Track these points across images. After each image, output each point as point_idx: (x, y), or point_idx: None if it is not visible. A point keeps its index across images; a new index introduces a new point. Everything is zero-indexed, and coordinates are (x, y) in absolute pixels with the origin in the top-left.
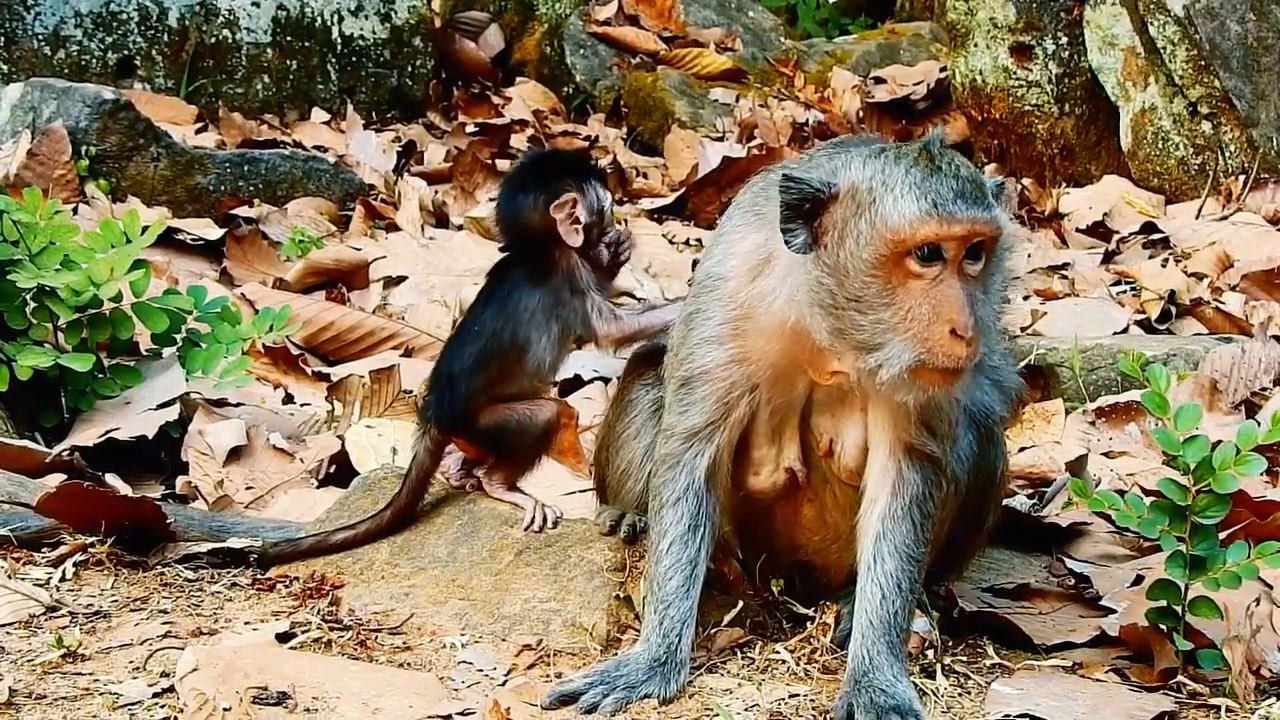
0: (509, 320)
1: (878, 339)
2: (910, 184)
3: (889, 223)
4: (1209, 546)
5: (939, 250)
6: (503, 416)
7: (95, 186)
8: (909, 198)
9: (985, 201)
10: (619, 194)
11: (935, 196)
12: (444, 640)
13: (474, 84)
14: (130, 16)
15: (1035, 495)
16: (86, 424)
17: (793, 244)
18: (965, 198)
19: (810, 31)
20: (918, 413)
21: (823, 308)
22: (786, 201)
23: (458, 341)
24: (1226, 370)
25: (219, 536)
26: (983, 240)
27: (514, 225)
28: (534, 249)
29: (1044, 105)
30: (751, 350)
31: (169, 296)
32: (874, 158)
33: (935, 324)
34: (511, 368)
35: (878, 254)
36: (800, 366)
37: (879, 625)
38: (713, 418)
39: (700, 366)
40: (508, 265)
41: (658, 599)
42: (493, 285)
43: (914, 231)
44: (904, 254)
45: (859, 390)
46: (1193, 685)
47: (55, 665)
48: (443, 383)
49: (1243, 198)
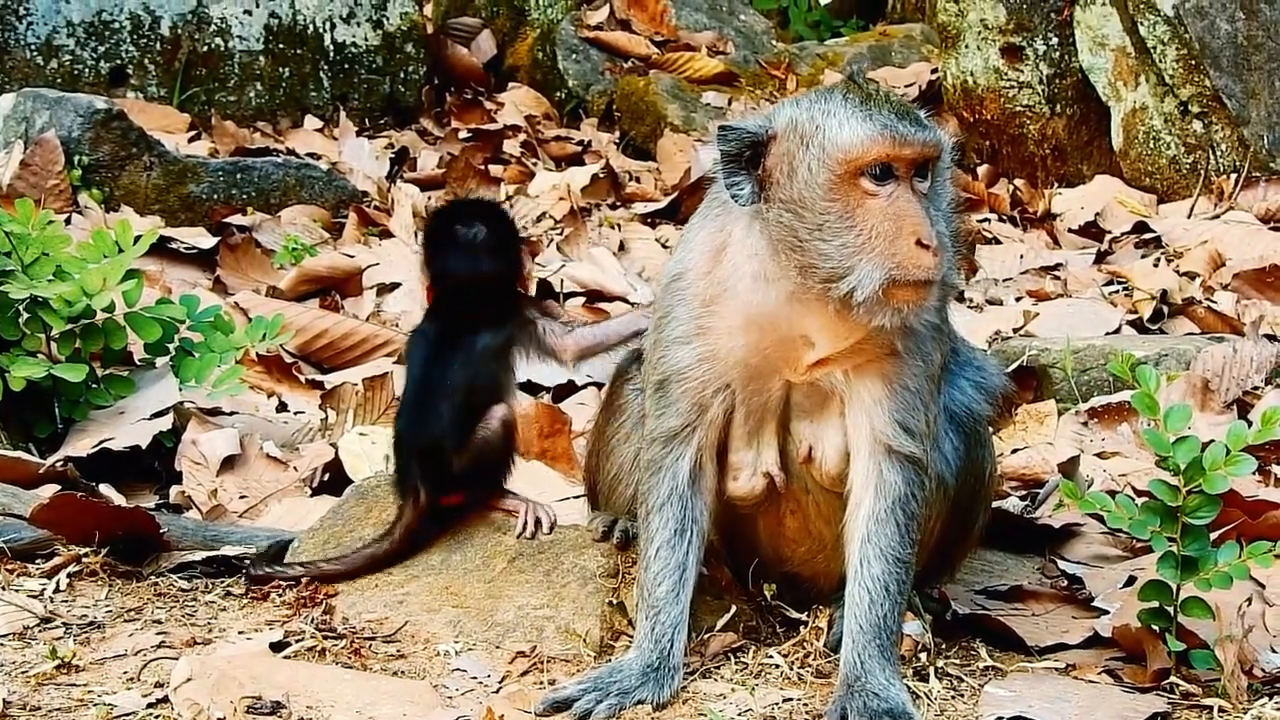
0: (477, 369)
1: (846, 263)
2: (852, 109)
3: (839, 144)
4: (1200, 547)
5: (890, 169)
6: (472, 450)
7: (88, 196)
8: (854, 120)
9: (924, 122)
10: (612, 198)
11: (881, 118)
12: (438, 648)
13: (466, 90)
14: (122, 25)
15: (1028, 497)
16: (80, 434)
17: (739, 197)
18: (906, 118)
19: (802, 34)
20: (893, 408)
21: (787, 246)
22: (725, 151)
23: (425, 402)
24: (1218, 370)
25: (213, 546)
26: (928, 159)
27: (479, 278)
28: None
29: (1035, 106)
30: (719, 347)
31: (162, 306)
32: (803, 98)
33: (899, 238)
34: (484, 413)
35: (832, 177)
36: (773, 364)
37: (869, 629)
38: (689, 419)
39: (672, 367)
40: (445, 316)
41: (649, 604)
42: (441, 337)
43: (865, 151)
44: (857, 174)
45: (836, 389)
46: (1185, 686)
47: (50, 676)
48: (426, 451)
49: (1234, 196)
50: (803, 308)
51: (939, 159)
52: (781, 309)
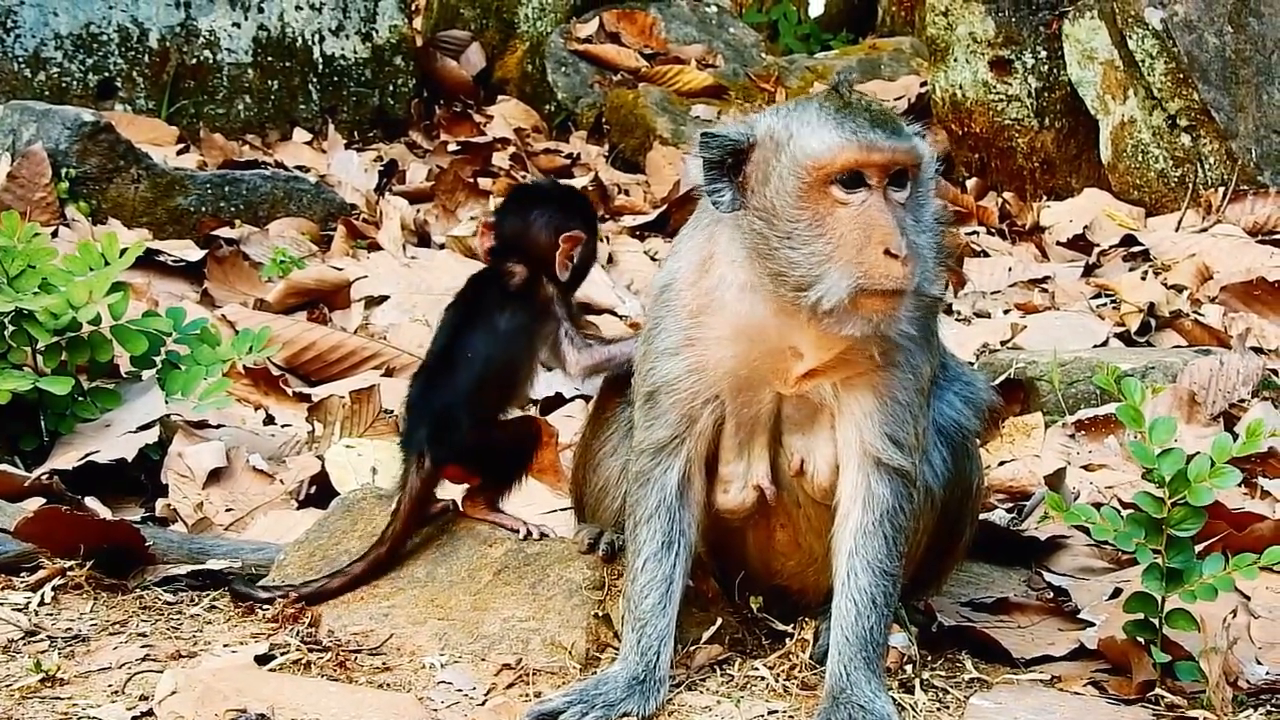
0: (499, 343)
1: (815, 272)
2: (825, 116)
3: (808, 151)
4: (1185, 559)
5: (861, 178)
6: (492, 437)
7: (76, 208)
8: (825, 128)
9: (901, 131)
10: (601, 211)
11: (852, 125)
12: (423, 660)
13: (456, 102)
14: (111, 38)
15: (1014, 509)
16: (66, 447)
17: (721, 204)
18: (881, 126)
19: (791, 47)
20: (883, 420)
21: (759, 254)
22: (707, 159)
23: (443, 368)
24: (1205, 382)
25: (198, 559)
26: (905, 168)
27: (516, 237)
28: (521, 266)
29: (1024, 119)
30: (708, 358)
31: (148, 318)
32: (783, 106)
33: (868, 247)
34: (505, 391)
35: (800, 185)
36: (762, 376)
37: (855, 641)
38: (677, 430)
39: (661, 379)
40: (482, 285)
41: (635, 617)
42: (470, 307)
43: (833, 158)
44: (826, 182)
45: (826, 403)
46: (1171, 697)
47: (34, 690)
48: (437, 414)
49: (1222, 209)
50: (790, 319)
51: (918, 169)
52: (770, 320)
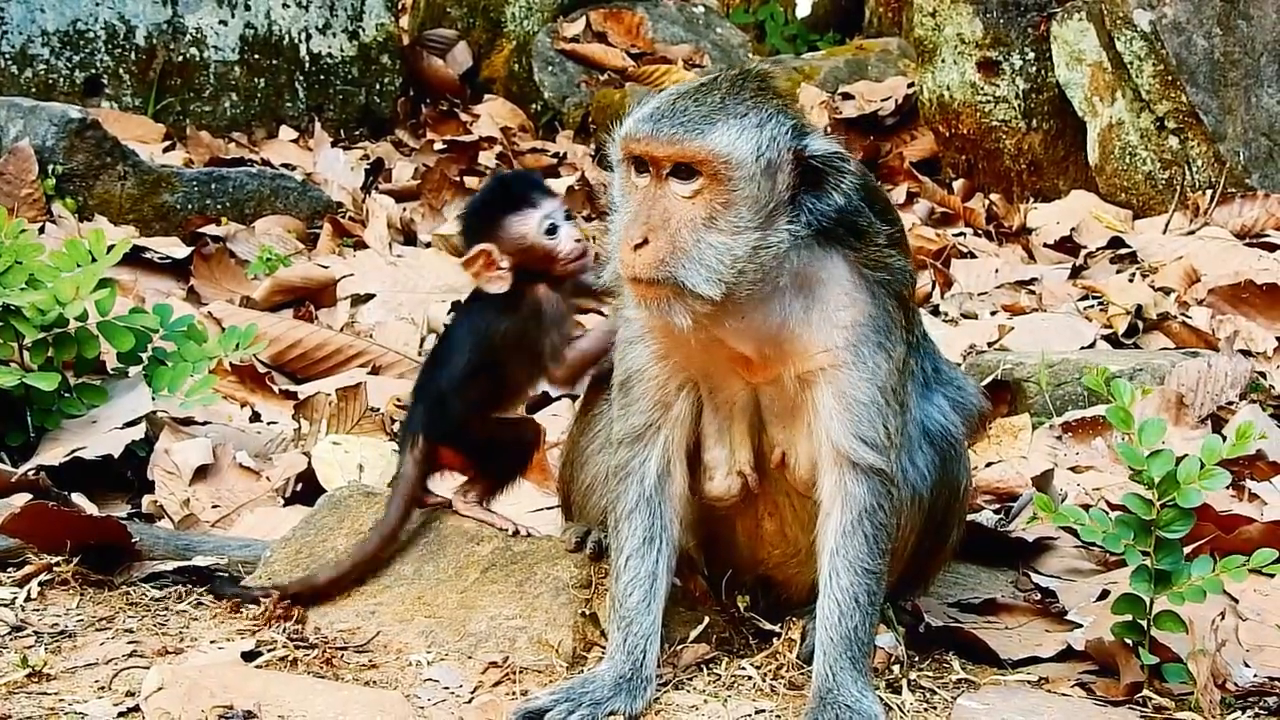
0: (481, 346)
1: (609, 253)
2: (648, 100)
3: (618, 132)
4: (1174, 561)
5: (645, 164)
6: (493, 430)
7: (62, 205)
8: (637, 109)
9: (697, 126)
10: (587, 210)
11: (648, 111)
12: (410, 658)
13: (442, 101)
14: (97, 35)
15: (1002, 510)
16: (52, 443)
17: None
18: (672, 116)
19: (778, 48)
20: (848, 420)
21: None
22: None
23: (440, 359)
24: (1193, 385)
25: (185, 555)
26: (690, 164)
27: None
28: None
29: (1011, 120)
30: (672, 345)
31: (135, 315)
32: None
33: (624, 233)
34: (495, 388)
35: (615, 164)
36: (719, 363)
37: (839, 641)
38: (651, 418)
39: (631, 366)
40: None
41: (620, 614)
42: (469, 307)
43: (624, 141)
44: (628, 164)
45: (803, 400)
46: (1158, 699)
47: (20, 685)
48: (431, 397)
49: (1210, 212)
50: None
51: (718, 170)
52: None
